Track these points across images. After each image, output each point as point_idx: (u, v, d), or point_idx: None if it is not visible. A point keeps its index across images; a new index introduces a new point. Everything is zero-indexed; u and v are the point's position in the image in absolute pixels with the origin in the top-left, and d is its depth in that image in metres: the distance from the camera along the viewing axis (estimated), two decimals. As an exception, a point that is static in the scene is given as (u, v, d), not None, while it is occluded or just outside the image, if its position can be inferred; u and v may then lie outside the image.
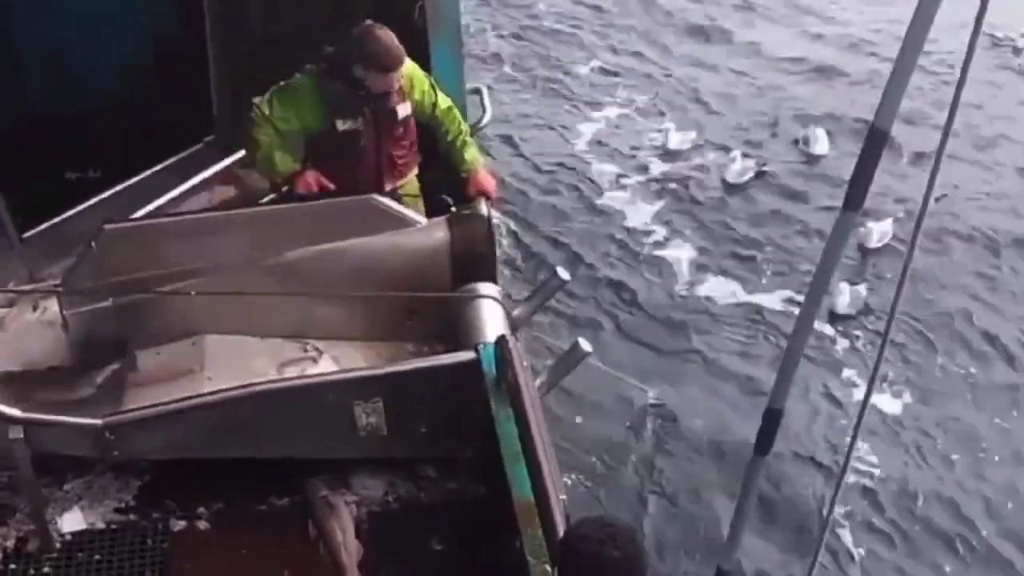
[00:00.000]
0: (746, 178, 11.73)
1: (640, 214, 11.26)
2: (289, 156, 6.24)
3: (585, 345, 5.65)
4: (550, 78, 14.13)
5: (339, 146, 6.23)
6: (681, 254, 10.67)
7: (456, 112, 6.55)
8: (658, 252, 10.71)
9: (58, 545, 5.13)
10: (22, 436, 4.85)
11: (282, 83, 6.19)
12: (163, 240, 5.73)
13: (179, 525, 5.23)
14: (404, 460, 5.43)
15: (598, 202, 11.54)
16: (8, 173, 6.04)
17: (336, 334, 5.88)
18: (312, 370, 5.69)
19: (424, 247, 5.83)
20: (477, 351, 5.21)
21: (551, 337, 8.91)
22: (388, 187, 6.37)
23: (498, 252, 6.13)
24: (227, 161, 6.54)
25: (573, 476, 7.90)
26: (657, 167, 12.09)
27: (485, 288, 5.76)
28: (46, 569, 5.07)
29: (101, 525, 5.24)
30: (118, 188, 6.46)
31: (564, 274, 6.09)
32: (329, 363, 5.75)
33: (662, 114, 13.17)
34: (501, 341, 5.13)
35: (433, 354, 5.71)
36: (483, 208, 6.23)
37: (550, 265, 9.21)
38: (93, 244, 5.58)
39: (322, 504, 5.21)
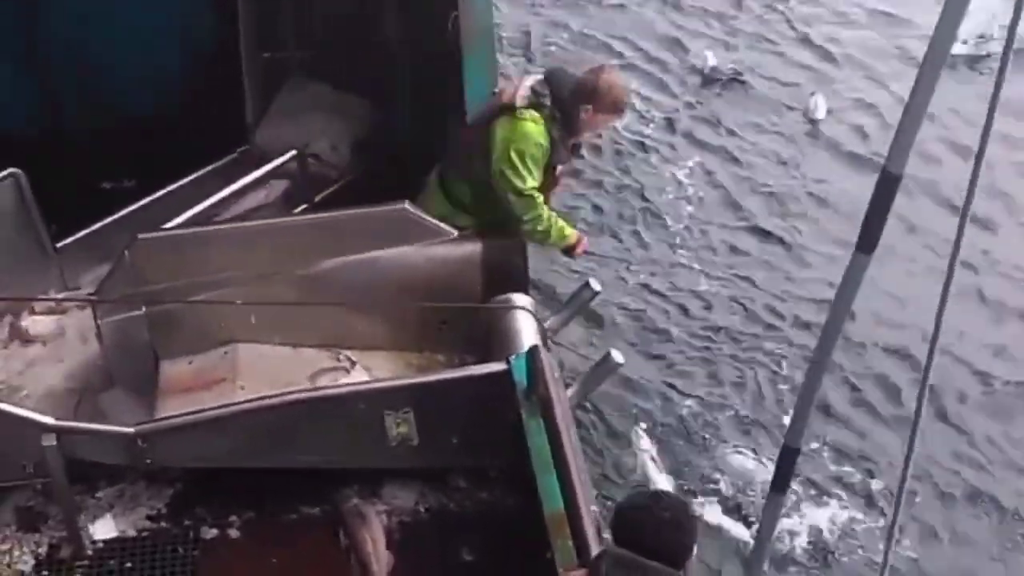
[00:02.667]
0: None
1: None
2: (569, 223, 6.26)
3: (617, 356, 5.64)
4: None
5: (547, 184, 6.14)
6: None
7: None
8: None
9: (90, 552, 5.16)
10: (55, 443, 4.88)
11: (523, 145, 5.90)
12: (196, 250, 5.76)
13: (210, 533, 5.24)
14: (435, 470, 5.42)
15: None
16: (43, 183, 6.08)
17: (368, 344, 5.89)
18: (344, 380, 5.69)
19: (456, 258, 5.83)
20: (508, 362, 5.19)
21: (583, 348, 8.86)
22: None
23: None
24: (260, 171, 6.55)
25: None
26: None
27: (517, 299, 5.74)
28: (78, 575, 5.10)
29: (132, 533, 5.26)
30: (152, 198, 6.48)
31: (596, 285, 6.08)
32: (361, 373, 5.75)
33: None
34: (532, 352, 5.12)
35: (464, 365, 5.71)
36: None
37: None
38: (127, 254, 5.61)
39: (353, 513, 5.21)
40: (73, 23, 7.00)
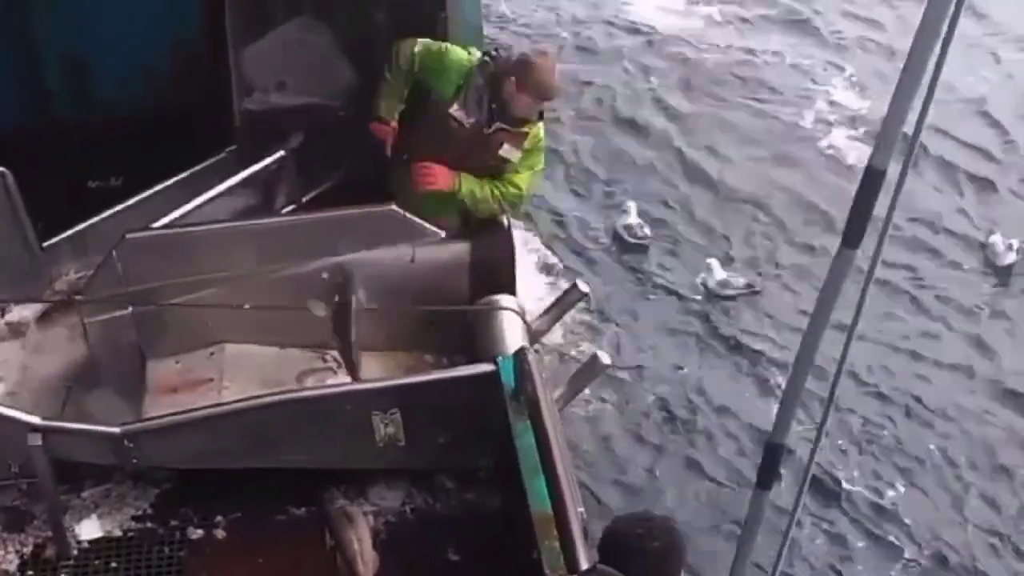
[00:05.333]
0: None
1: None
2: (394, 107, 6.38)
3: (604, 358, 5.64)
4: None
5: (437, 125, 6.27)
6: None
7: (513, 194, 6.38)
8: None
9: (75, 552, 5.14)
10: (41, 443, 4.87)
11: (442, 44, 6.33)
12: (184, 249, 5.75)
13: (196, 534, 5.23)
14: (422, 471, 5.42)
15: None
16: (30, 181, 6.06)
17: (355, 344, 5.89)
18: (330, 380, 5.71)
19: (444, 259, 5.83)
20: (496, 363, 5.20)
21: (570, 348, 8.90)
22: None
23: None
24: (248, 171, 6.55)
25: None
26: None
27: (504, 300, 5.75)
28: (63, 576, 5.09)
29: (118, 533, 5.24)
30: (139, 197, 6.46)
31: (584, 287, 6.08)
32: (347, 374, 5.75)
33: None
34: (520, 353, 5.12)
35: (452, 365, 5.72)
36: (504, 220, 6.24)
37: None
38: (114, 253, 5.60)
39: (339, 514, 5.21)
40: (61, 19, 6.99)
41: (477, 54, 6.29)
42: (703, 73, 13.16)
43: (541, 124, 6.36)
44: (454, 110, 6.22)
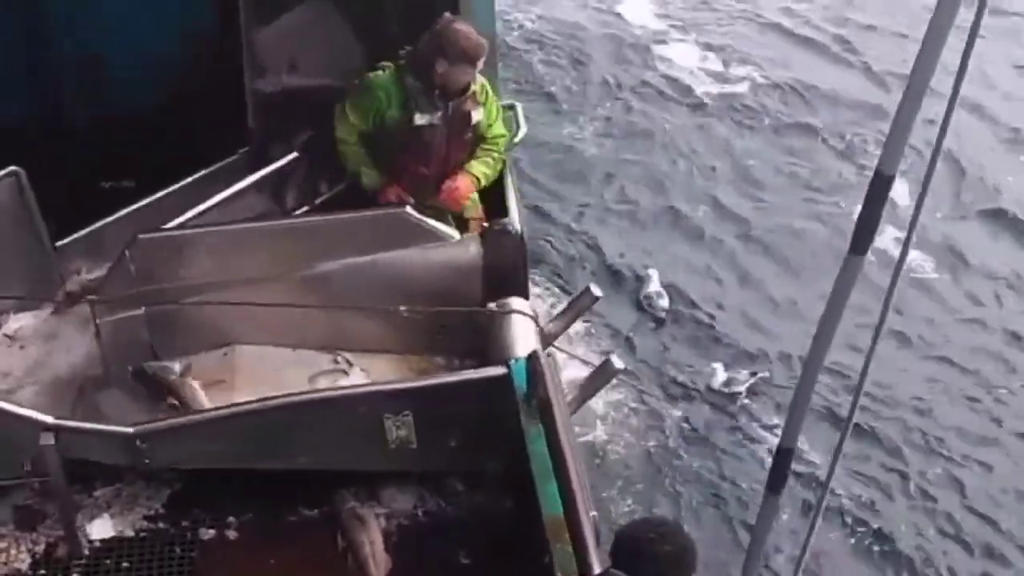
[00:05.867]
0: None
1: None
2: (374, 171, 6.49)
3: (617, 362, 5.64)
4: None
5: (412, 140, 6.37)
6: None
7: (503, 142, 6.70)
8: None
9: (86, 552, 5.15)
10: (53, 442, 4.87)
11: (358, 81, 6.40)
12: (196, 250, 5.75)
13: (208, 534, 5.23)
14: (433, 473, 5.42)
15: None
16: (43, 181, 6.07)
17: (367, 347, 5.89)
18: (343, 382, 5.72)
19: (456, 261, 5.83)
20: (508, 366, 5.20)
21: (583, 352, 8.90)
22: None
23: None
24: (261, 173, 6.54)
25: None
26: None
27: (516, 303, 5.74)
28: (74, 575, 5.08)
29: (130, 533, 5.25)
30: (152, 198, 6.47)
31: (596, 291, 6.08)
32: (360, 376, 5.77)
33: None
34: (532, 357, 5.11)
35: (464, 368, 5.72)
36: (515, 223, 6.26)
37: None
38: (127, 253, 5.61)
39: (351, 516, 5.21)
40: (75, 18, 6.99)
41: (389, 64, 6.38)
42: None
43: (481, 78, 6.50)
44: (418, 120, 6.33)
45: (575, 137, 12.62)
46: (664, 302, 10.08)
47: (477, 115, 6.47)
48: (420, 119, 6.32)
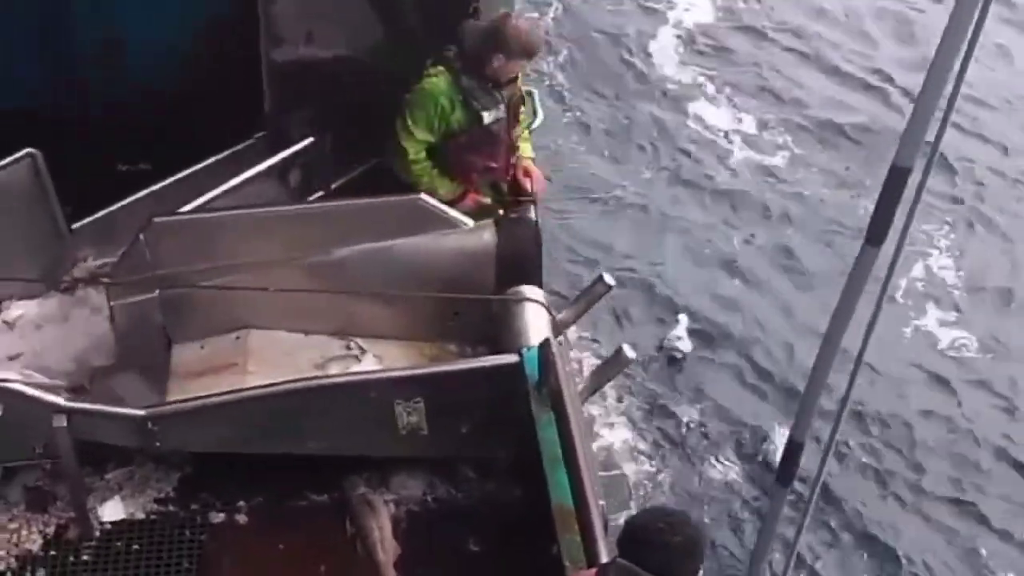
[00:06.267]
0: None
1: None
2: (448, 181, 6.46)
3: (629, 351, 5.61)
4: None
5: (483, 138, 6.38)
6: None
7: (525, 122, 6.73)
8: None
9: (97, 533, 5.19)
10: (65, 424, 4.89)
11: (409, 95, 6.32)
12: (211, 234, 5.75)
13: (218, 518, 5.26)
14: (443, 460, 5.43)
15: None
16: (59, 163, 6.08)
17: (379, 333, 5.88)
18: (355, 368, 5.70)
19: (470, 248, 5.81)
20: (520, 354, 5.19)
21: (595, 340, 8.88)
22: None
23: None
24: (277, 157, 6.53)
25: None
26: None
27: (530, 291, 5.72)
28: (85, 557, 5.12)
29: (140, 515, 5.28)
30: (168, 181, 6.47)
31: (610, 279, 6.05)
32: (372, 361, 5.75)
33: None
34: (544, 345, 5.11)
35: (476, 356, 5.70)
36: (531, 211, 6.25)
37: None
38: (141, 236, 5.61)
39: (360, 502, 5.23)
40: (98, 2, 6.99)
41: (439, 67, 6.30)
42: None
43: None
44: (487, 118, 6.32)
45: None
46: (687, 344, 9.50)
47: (523, 102, 6.56)
48: (488, 117, 6.31)
